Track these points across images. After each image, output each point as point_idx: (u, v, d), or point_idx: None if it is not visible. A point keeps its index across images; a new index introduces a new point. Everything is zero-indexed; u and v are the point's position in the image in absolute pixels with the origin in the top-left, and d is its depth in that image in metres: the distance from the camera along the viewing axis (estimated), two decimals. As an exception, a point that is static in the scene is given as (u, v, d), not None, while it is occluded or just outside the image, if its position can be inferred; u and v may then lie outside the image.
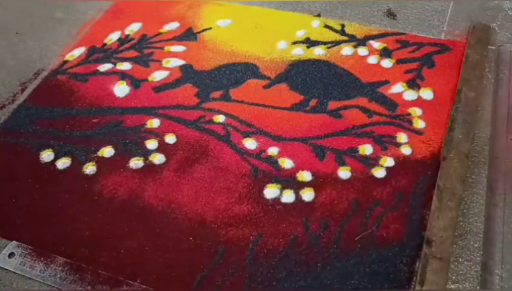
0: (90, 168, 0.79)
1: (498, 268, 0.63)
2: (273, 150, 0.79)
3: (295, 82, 0.89)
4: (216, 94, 0.89)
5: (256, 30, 1.00)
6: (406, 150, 0.77)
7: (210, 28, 1.02)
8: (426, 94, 0.85)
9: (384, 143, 0.78)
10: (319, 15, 1.02)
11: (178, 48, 0.98)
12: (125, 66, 0.96)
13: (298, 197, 0.73)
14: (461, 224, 0.68)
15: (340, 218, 0.70)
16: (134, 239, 0.70)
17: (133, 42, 1.01)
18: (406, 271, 0.64)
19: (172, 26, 1.03)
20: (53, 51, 1.01)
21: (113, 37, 1.02)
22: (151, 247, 0.70)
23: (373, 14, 1.01)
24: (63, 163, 0.81)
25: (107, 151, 0.82)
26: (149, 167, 0.79)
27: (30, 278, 0.68)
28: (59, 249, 0.70)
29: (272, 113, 0.85)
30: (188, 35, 1.01)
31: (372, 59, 0.92)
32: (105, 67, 0.96)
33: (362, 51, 0.93)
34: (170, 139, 0.82)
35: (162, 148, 0.81)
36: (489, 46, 0.90)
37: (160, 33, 1.02)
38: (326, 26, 0.99)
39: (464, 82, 0.84)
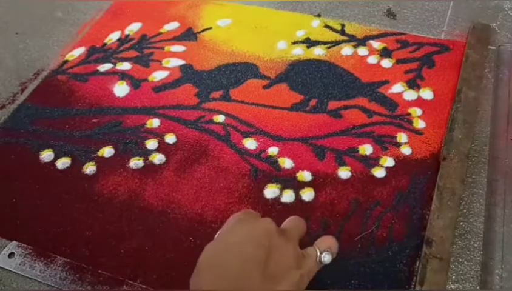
0: (90, 168, 0.79)
1: (498, 268, 0.63)
2: (273, 150, 0.79)
3: (295, 82, 0.89)
4: (216, 94, 0.89)
5: (256, 30, 1.00)
6: (406, 150, 0.77)
7: (210, 28, 1.02)
8: (426, 94, 0.85)
9: (384, 143, 0.78)
10: (319, 15, 1.02)
11: (178, 48, 0.98)
12: (125, 66, 0.96)
13: (298, 197, 0.73)
14: (461, 224, 0.68)
15: (340, 218, 0.70)
16: (134, 239, 0.70)
17: (133, 42, 1.01)
18: (406, 271, 0.64)
19: (172, 26, 1.03)
20: (53, 51, 1.01)
21: (113, 37, 1.02)
22: (151, 247, 0.70)
23: (373, 14, 1.01)
24: (63, 163, 0.81)
25: (107, 151, 0.82)
26: (149, 167, 0.79)
27: (30, 278, 0.68)
28: (59, 249, 0.70)
29: (272, 113, 0.85)
30: (188, 35, 1.01)
31: (372, 59, 0.92)
32: (105, 67, 0.96)
33: (362, 51, 0.93)
34: (170, 139, 0.82)
35: (162, 148, 0.81)
36: (489, 46, 0.90)
37: (160, 33, 1.02)
38: (326, 26, 0.99)
39: (464, 82, 0.84)
